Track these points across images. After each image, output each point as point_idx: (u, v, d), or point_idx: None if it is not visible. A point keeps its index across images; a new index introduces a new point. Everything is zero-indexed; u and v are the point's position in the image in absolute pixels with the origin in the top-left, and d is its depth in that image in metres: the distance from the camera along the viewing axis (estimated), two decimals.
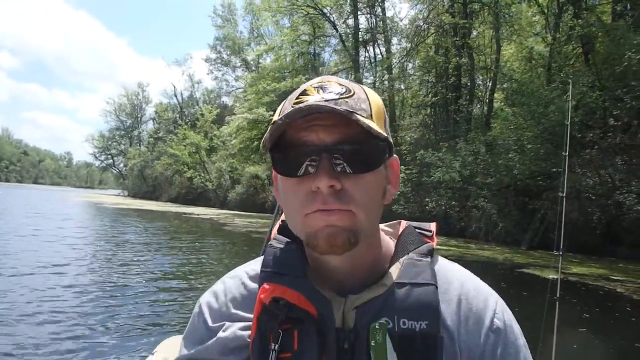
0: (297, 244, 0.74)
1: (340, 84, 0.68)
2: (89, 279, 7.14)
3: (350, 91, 0.66)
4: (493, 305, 0.70)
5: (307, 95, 0.66)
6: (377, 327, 0.63)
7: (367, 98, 0.68)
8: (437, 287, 0.67)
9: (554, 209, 16.35)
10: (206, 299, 0.77)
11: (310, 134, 0.64)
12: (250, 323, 0.68)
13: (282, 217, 0.78)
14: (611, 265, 11.85)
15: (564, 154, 3.84)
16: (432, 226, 0.80)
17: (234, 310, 0.73)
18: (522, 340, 0.70)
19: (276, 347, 0.63)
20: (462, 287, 0.70)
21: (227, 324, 0.71)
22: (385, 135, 0.66)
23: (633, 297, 7.76)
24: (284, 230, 0.77)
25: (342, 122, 0.63)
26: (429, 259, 0.71)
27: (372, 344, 0.62)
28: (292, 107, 0.64)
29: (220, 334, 0.70)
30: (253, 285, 0.74)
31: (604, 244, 14.28)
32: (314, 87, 0.67)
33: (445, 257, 0.74)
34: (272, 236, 0.79)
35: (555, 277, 9.08)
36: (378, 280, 0.69)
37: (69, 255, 9.01)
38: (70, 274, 7.28)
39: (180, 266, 8.87)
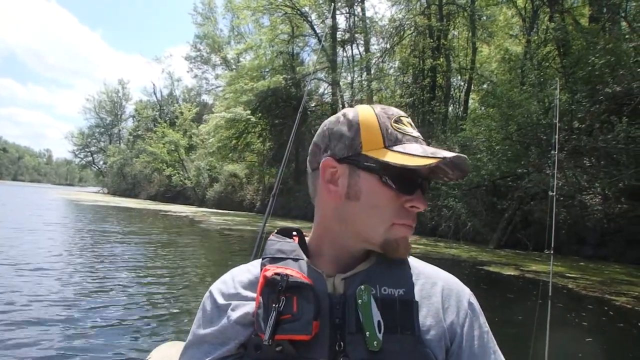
0: (293, 241, 0.88)
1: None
2: (68, 280, 6.65)
3: None
4: (468, 292, 0.85)
5: (404, 125, 0.84)
6: (362, 288, 0.76)
7: None
8: (410, 267, 0.83)
9: (522, 209, 16.71)
10: (216, 285, 0.86)
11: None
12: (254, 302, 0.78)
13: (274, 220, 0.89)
14: (571, 264, 12.10)
15: (552, 152, 3.89)
16: None
17: (241, 292, 0.81)
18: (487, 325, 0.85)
19: (277, 306, 0.73)
20: (445, 281, 0.85)
21: (235, 303, 0.79)
22: None
23: (580, 293, 8.03)
24: (282, 231, 0.91)
25: None
26: None
27: (359, 302, 0.74)
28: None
29: (229, 312, 0.78)
30: (257, 271, 0.83)
31: (569, 244, 14.55)
32: (406, 120, 0.85)
33: (412, 254, 0.87)
34: (272, 235, 0.91)
35: (514, 273, 9.28)
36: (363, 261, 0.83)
37: (43, 256, 8.57)
38: (46, 276, 6.81)
39: (154, 267, 8.58)
